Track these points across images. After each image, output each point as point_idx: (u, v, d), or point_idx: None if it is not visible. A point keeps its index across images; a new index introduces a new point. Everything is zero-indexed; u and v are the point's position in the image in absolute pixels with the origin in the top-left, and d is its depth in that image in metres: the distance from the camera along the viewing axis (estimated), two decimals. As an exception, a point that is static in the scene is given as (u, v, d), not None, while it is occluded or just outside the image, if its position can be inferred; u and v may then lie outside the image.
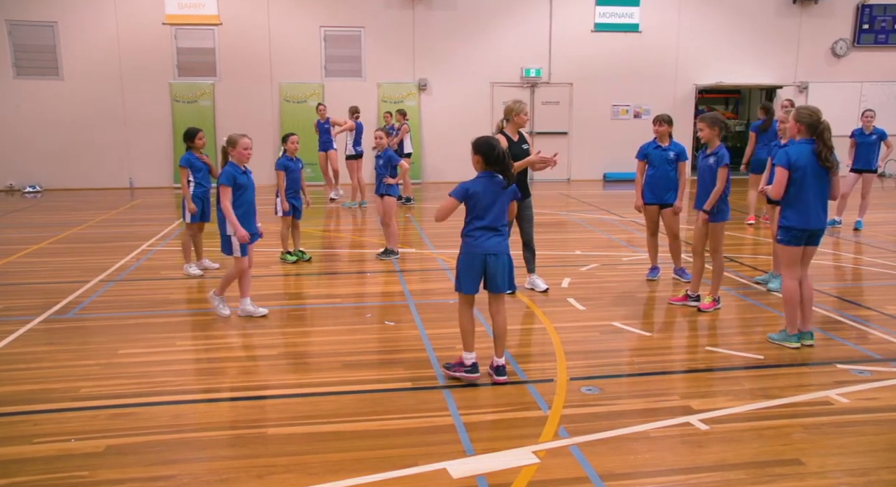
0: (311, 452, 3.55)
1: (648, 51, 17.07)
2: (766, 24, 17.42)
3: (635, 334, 5.42)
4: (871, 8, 17.53)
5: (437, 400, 4.16)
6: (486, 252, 4.32)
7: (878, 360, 4.83)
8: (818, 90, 17.82)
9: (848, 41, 17.73)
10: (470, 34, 16.49)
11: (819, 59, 17.81)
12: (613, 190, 15.60)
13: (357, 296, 6.65)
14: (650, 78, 17.12)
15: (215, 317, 5.91)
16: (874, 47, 17.82)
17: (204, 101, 15.77)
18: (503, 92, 16.86)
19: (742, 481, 3.25)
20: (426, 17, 16.27)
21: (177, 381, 4.51)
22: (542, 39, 16.80)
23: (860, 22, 17.59)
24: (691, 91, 17.47)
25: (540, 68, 16.73)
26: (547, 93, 16.83)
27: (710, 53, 17.33)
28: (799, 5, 17.40)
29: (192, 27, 15.61)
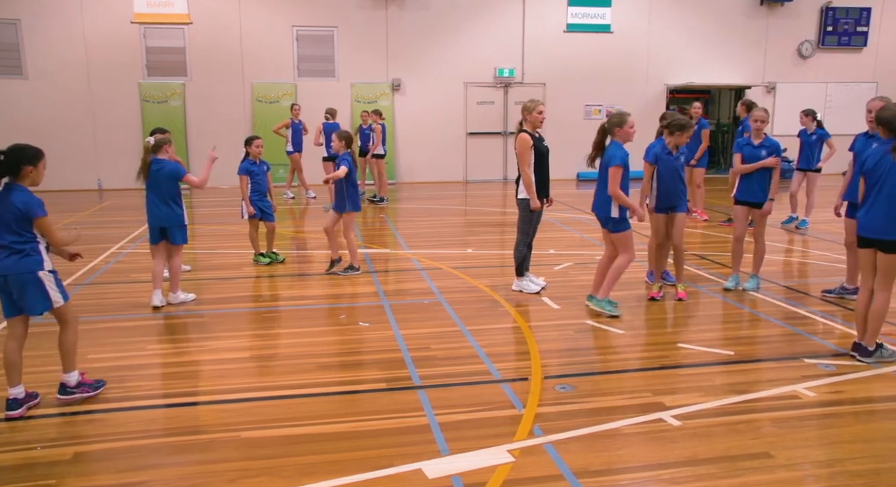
0: (284, 455, 3.52)
1: (620, 51, 17.23)
2: (734, 26, 17.70)
3: (609, 332, 5.47)
4: (834, 10, 17.89)
5: (411, 401, 4.16)
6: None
7: (842, 354, 4.94)
8: (785, 90, 18.16)
9: (813, 42, 18.09)
10: (443, 34, 16.50)
11: (786, 59, 18.15)
12: (587, 189, 15.71)
13: (331, 298, 6.61)
14: (622, 78, 17.29)
15: (185, 321, 5.84)
16: (838, 49, 18.20)
17: (174, 101, 15.56)
18: (477, 92, 16.92)
19: (713, 475, 3.30)
20: (399, 17, 16.25)
21: (147, 385, 4.45)
22: (516, 39, 16.87)
23: (824, 24, 17.96)
24: (662, 91, 17.67)
25: (513, 68, 16.80)
26: (520, 94, 16.90)
27: (681, 54, 17.56)
28: (766, 7, 17.71)
29: (161, 26, 15.40)
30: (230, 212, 11.92)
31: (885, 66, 18.41)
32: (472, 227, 10.92)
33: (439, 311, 6.06)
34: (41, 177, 4.10)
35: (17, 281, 3.95)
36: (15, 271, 3.94)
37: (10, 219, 3.91)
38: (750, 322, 5.80)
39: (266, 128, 14.17)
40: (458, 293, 6.64)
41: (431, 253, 8.47)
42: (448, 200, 14.04)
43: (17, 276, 3.94)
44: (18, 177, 3.99)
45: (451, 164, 17.05)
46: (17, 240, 3.94)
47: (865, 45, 18.25)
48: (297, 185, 14.28)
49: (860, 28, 18.11)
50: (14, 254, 3.94)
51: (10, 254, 3.94)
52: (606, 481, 3.25)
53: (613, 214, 5.78)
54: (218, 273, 7.57)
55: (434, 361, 4.83)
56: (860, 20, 18.06)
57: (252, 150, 7.66)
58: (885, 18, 18.20)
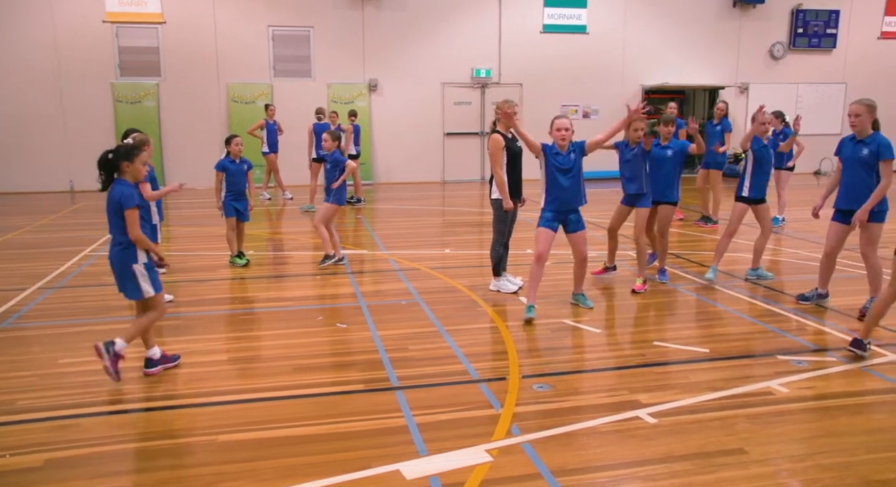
0: (262, 458, 3.49)
1: (596, 52, 17.37)
2: (708, 27, 17.93)
3: (586, 331, 5.51)
4: (804, 13, 18.20)
5: (389, 402, 4.15)
6: None
7: (814, 350, 5.02)
8: (758, 91, 18.42)
9: (784, 44, 18.38)
10: (420, 35, 16.49)
11: (758, 60, 18.42)
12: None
13: (308, 299, 6.57)
14: (598, 78, 17.43)
15: (160, 324, 5.77)
16: (808, 50, 18.52)
17: (148, 102, 15.37)
18: (454, 92, 16.94)
19: (688, 471, 3.33)
20: (376, 18, 16.21)
21: (121, 390, 4.38)
22: (492, 40, 16.92)
23: (795, 26, 18.26)
24: (638, 91, 17.84)
25: (490, 69, 16.85)
26: (497, 94, 16.94)
27: (656, 55, 17.74)
28: (739, 9, 17.96)
29: (134, 25, 15.21)
30: (206, 213, 11.81)
31: (853, 68, 18.77)
32: (450, 228, 10.93)
33: (417, 312, 6.05)
34: (139, 171, 4.47)
35: (118, 270, 4.39)
36: (116, 261, 4.38)
37: (113, 211, 4.32)
38: (725, 319, 5.87)
39: (242, 129, 14.05)
40: (436, 293, 6.64)
41: (409, 253, 8.47)
42: (425, 201, 14.04)
43: (118, 266, 4.38)
44: (120, 173, 4.37)
45: (429, 165, 17.05)
46: (120, 231, 4.33)
47: (835, 47, 18.60)
48: (274, 186, 14.19)
49: (829, 30, 18.45)
50: (118, 246, 4.35)
51: (115, 245, 4.37)
52: (584, 479, 3.27)
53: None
54: (194, 274, 7.49)
55: (412, 362, 4.83)
56: (829, 22, 18.40)
57: (232, 149, 7.64)
58: (853, 20, 18.56)
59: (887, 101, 18.86)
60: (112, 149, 4.40)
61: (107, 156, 4.35)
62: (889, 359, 4.82)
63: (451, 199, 14.45)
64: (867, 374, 4.57)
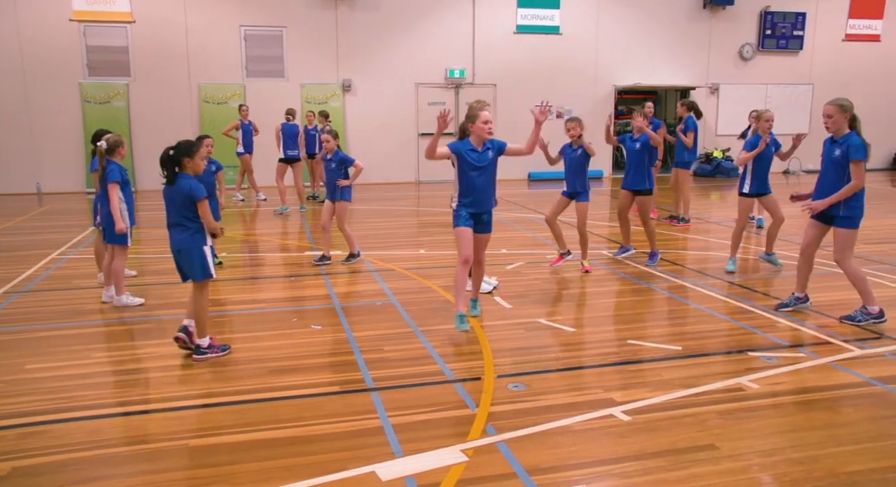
0: (235, 462, 3.46)
1: (569, 52, 17.49)
2: (679, 28, 18.16)
3: (560, 330, 5.54)
4: (772, 15, 18.52)
5: (364, 403, 4.14)
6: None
7: (784, 347, 5.11)
8: (728, 91, 18.70)
9: (753, 45, 18.68)
10: (394, 35, 16.46)
11: (728, 61, 18.70)
12: (538, 189, 15.89)
13: (282, 301, 6.53)
14: (571, 79, 17.55)
15: (131, 327, 5.69)
16: (776, 51, 18.85)
17: (118, 102, 15.13)
18: (427, 92, 16.94)
19: (661, 468, 3.37)
20: (349, 18, 16.15)
21: (92, 395, 4.31)
22: (466, 40, 16.95)
23: (763, 27, 18.57)
24: (610, 91, 18.00)
25: (464, 69, 16.88)
26: (471, 94, 16.97)
27: (628, 55, 17.91)
28: (709, 10, 18.21)
29: (102, 24, 14.96)
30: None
31: (819, 69, 19.15)
32: (425, 228, 10.93)
33: (392, 313, 6.04)
34: (199, 166, 4.94)
35: (187, 254, 4.82)
36: (185, 246, 4.81)
37: (181, 202, 4.79)
38: (697, 317, 5.95)
39: (215, 130, 13.91)
40: (411, 294, 6.64)
41: (384, 254, 8.45)
42: (400, 201, 14.03)
43: (187, 249, 4.81)
44: (182, 168, 4.84)
45: (403, 165, 17.04)
46: (186, 220, 4.82)
47: (802, 49, 18.95)
48: (247, 187, 14.06)
49: (796, 32, 18.80)
50: (187, 231, 4.82)
51: (184, 231, 4.82)
52: (559, 477, 3.29)
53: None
54: (167, 277, 7.39)
55: (387, 363, 4.82)
56: (796, 24, 18.75)
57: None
58: (819, 23, 18.92)
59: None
60: (173, 147, 4.85)
61: (168, 153, 4.83)
62: (855, 355, 4.93)
63: (425, 200, 14.45)
64: (835, 369, 4.66)
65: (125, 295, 6.25)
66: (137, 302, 6.26)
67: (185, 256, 4.86)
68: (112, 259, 6.25)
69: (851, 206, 5.53)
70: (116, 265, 6.22)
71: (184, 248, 4.85)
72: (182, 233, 4.85)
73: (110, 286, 6.32)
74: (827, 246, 6.03)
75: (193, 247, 4.83)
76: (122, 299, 6.22)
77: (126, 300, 6.23)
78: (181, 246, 4.85)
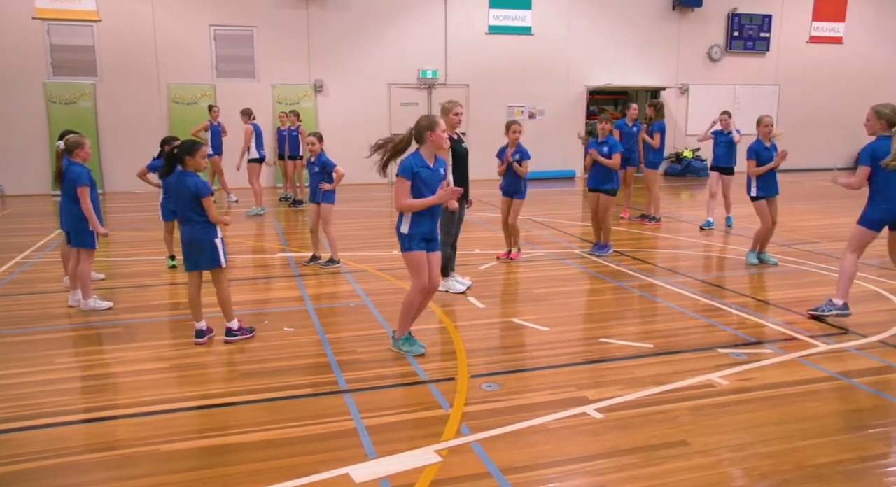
0: (207, 466, 3.42)
1: (541, 53, 17.57)
2: (649, 30, 18.35)
3: (534, 329, 5.56)
4: (739, 17, 18.83)
5: (338, 405, 4.11)
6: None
7: (753, 343, 5.19)
8: (697, 91, 18.95)
9: (721, 47, 18.96)
10: (366, 35, 16.40)
11: (697, 62, 18.95)
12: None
13: (253, 303, 6.46)
14: (543, 79, 17.63)
15: (99, 332, 5.59)
16: (744, 53, 19.16)
17: (84, 103, 14.84)
18: (400, 93, 16.91)
19: (634, 464, 3.40)
20: (321, 18, 16.05)
21: (58, 402, 4.22)
22: (438, 41, 16.95)
23: (731, 29, 18.87)
24: (582, 92, 18.14)
25: (436, 69, 16.88)
26: (443, 95, 16.99)
27: (599, 56, 18.06)
28: (678, 12, 18.44)
29: (67, 23, 14.66)
30: (145, 217, 11.50)
31: (785, 70, 19.51)
32: (399, 229, 10.88)
33: (365, 314, 6.02)
34: (200, 165, 5.16)
35: (199, 245, 5.11)
36: (197, 238, 5.10)
37: (189, 197, 5.06)
38: (668, 315, 6.02)
39: (184, 131, 13.69)
40: (384, 295, 6.61)
41: (356, 255, 8.41)
42: (373, 202, 13.99)
43: (199, 243, 5.11)
44: (184, 165, 5.11)
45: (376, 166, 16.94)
46: (196, 214, 5.09)
47: (768, 50, 19.28)
48: (218, 189, 13.89)
49: (763, 34, 19.13)
50: (198, 224, 5.10)
51: (195, 224, 5.10)
52: (532, 476, 3.31)
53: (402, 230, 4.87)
54: (134, 280, 7.28)
55: (360, 364, 4.80)
56: (763, 26, 19.08)
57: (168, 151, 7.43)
58: (784, 25, 19.28)
59: (816, 102, 19.73)
60: (175, 146, 5.22)
61: (172, 151, 5.19)
62: (820, 350, 5.03)
63: (399, 200, 14.39)
64: (801, 365, 4.75)
65: (92, 299, 6.14)
66: (105, 306, 6.15)
67: (196, 248, 5.14)
68: (78, 262, 6.13)
69: (866, 209, 5.63)
70: (83, 268, 6.10)
71: (196, 240, 5.12)
72: (193, 227, 5.12)
73: (77, 290, 6.20)
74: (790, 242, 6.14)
75: (205, 239, 5.12)
76: (90, 303, 6.11)
77: (94, 304, 6.12)
78: (193, 238, 5.13)
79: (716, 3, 18.60)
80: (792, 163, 18.68)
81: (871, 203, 5.60)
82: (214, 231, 5.17)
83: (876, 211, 5.57)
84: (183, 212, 5.12)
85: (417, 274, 4.80)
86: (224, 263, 5.22)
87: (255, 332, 5.42)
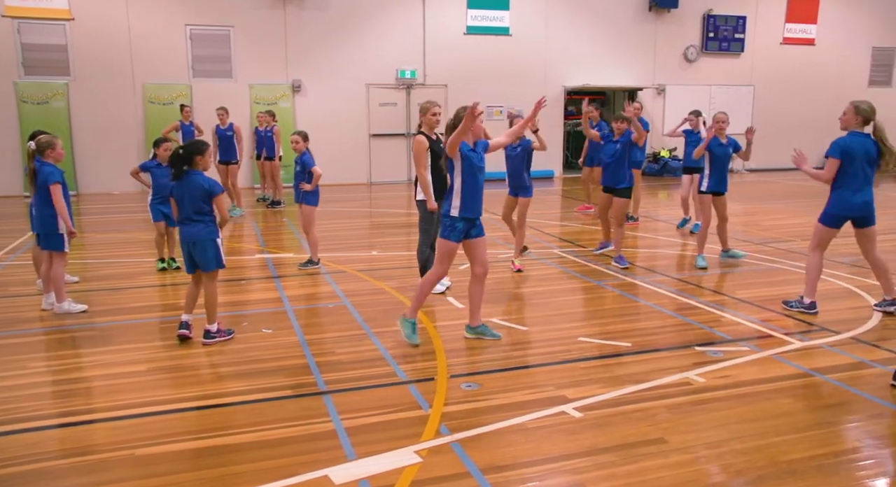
0: (185, 470, 3.38)
1: (519, 53, 17.63)
2: (626, 31, 18.50)
3: (513, 329, 5.58)
4: (714, 18, 19.04)
5: (317, 407, 4.10)
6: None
7: (729, 341, 5.26)
8: (673, 92, 19.14)
9: (697, 47, 19.17)
10: (344, 35, 16.33)
11: (673, 63, 19.14)
12: (489, 189, 15.94)
13: (233, 305, 6.40)
14: (521, 79, 17.68)
15: (74, 335, 5.51)
16: (719, 53, 19.38)
17: (57, 103, 14.61)
18: (378, 93, 16.87)
19: (613, 463, 3.43)
20: (298, 18, 15.95)
21: (32, 406, 4.15)
22: (417, 41, 16.94)
23: (706, 30, 19.08)
24: (560, 92, 18.23)
25: (415, 70, 16.86)
26: (422, 95, 16.97)
27: (577, 57, 18.16)
28: (654, 13, 18.61)
29: (38, 21, 14.42)
30: (122, 219, 11.36)
31: (759, 70, 19.77)
32: (377, 229, 10.89)
33: (344, 315, 6.00)
34: (208, 164, 5.22)
35: (202, 243, 5.11)
36: (199, 238, 5.10)
37: (198, 196, 5.08)
38: (646, 314, 6.07)
39: (158, 132, 13.55)
40: (363, 296, 6.60)
41: (335, 256, 8.37)
42: (352, 202, 13.94)
43: (201, 242, 5.10)
44: (193, 165, 5.11)
45: (355, 166, 16.91)
46: (201, 212, 5.11)
47: (743, 51, 19.53)
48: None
49: (738, 35, 19.37)
50: (199, 224, 5.11)
51: (198, 223, 5.11)
52: (512, 475, 3.32)
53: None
54: (110, 283, 7.18)
55: (339, 365, 4.78)
56: (737, 27, 19.32)
57: (160, 153, 7.43)
58: (758, 27, 19.54)
59: (789, 102, 20.02)
60: (183, 146, 5.19)
61: (178, 151, 5.14)
62: (795, 347, 5.10)
63: (377, 201, 14.40)
64: (776, 361, 4.82)
65: (66, 302, 6.04)
66: (80, 309, 6.06)
67: (199, 248, 5.13)
68: (50, 265, 6.04)
69: (828, 204, 5.72)
70: (55, 271, 6.01)
71: (198, 240, 5.13)
72: (195, 226, 5.12)
73: (50, 293, 6.10)
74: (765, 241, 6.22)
75: (207, 239, 5.13)
76: (64, 306, 6.01)
77: (68, 307, 6.03)
78: (195, 238, 5.13)
79: (691, 5, 18.80)
80: (766, 163, 19.04)
81: (832, 199, 5.68)
82: (216, 231, 5.20)
83: (837, 206, 5.65)
84: (187, 212, 5.12)
85: (441, 262, 5.14)
86: (224, 265, 5.28)
87: (234, 335, 5.38)
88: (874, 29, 20.58)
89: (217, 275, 5.31)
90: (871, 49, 20.72)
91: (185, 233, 5.17)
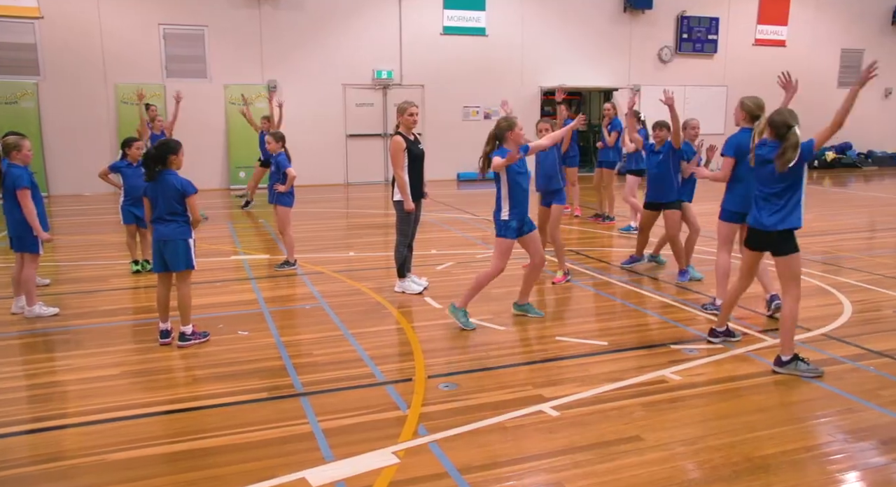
0: (159, 474, 3.34)
1: (495, 54, 17.67)
2: (601, 31, 18.63)
3: (491, 329, 5.59)
4: (688, 19, 19.26)
5: (294, 409, 4.07)
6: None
7: (704, 339, 5.31)
8: (648, 92, 19.27)
9: (671, 48, 19.37)
10: (320, 35, 16.24)
11: (648, 63, 19.32)
12: (467, 189, 16.00)
13: (208, 307, 6.32)
14: (498, 80, 17.72)
15: (45, 339, 5.42)
16: (693, 54, 19.60)
17: (26, 103, 14.33)
18: (355, 94, 16.80)
19: (590, 461, 3.45)
20: (273, 17, 15.84)
21: (5, 412, 4.06)
22: (393, 41, 16.90)
23: (680, 31, 19.29)
24: (537, 92, 18.30)
25: (391, 70, 16.82)
26: (399, 95, 16.94)
27: (553, 57, 18.25)
28: (629, 14, 18.76)
29: (5, 20, 14.12)
30: (94, 221, 11.19)
31: (732, 71, 20.02)
32: (354, 230, 10.84)
33: (321, 316, 5.96)
34: (181, 162, 5.18)
35: (173, 243, 5.07)
36: (171, 237, 5.06)
37: (171, 195, 5.04)
38: (622, 313, 6.12)
39: (131, 133, 13.34)
40: (341, 297, 6.57)
41: (312, 257, 8.32)
42: (329, 203, 13.87)
43: (173, 242, 5.06)
44: (167, 165, 5.07)
45: (332, 167, 16.83)
46: (174, 212, 5.07)
47: (716, 52, 19.77)
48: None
49: (711, 36, 19.61)
50: (172, 223, 5.07)
51: (171, 222, 5.06)
52: (490, 475, 3.32)
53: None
54: (82, 285, 7.07)
55: (316, 367, 4.75)
56: (710, 29, 19.56)
57: (131, 152, 7.35)
58: (731, 28, 19.80)
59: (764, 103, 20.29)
60: (156, 146, 5.14)
61: (151, 151, 5.11)
62: (768, 344, 5.18)
63: (354, 202, 14.34)
64: (750, 359, 4.88)
65: (37, 306, 5.93)
66: (51, 313, 5.96)
67: (170, 247, 5.08)
68: (21, 268, 5.93)
69: (726, 200, 5.71)
70: (26, 274, 5.90)
71: (170, 239, 5.07)
72: (168, 226, 5.08)
73: (20, 296, 5.99)
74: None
75: (179, 239, 5.08)
76: (35, 309, 5.90)
77: (39, 310, 5.92)
78: (167, 237, 5.07)
79: (665, 6, 18.98)
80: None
81: (728, 195, 5.65)
82: (189, 231, 5.15)
83: (734, 202, 5.61)
84: (160, 212, 5.07)
85: (499, 258, 5.44)
86: (194, 266, 5.20)
87: (209, 337, 5.32)
88: (842, 31, 20.96)
89: (189, 277, 5.24)
90: (840, 50, 21.10)
91: (157, 232, 5.13)
